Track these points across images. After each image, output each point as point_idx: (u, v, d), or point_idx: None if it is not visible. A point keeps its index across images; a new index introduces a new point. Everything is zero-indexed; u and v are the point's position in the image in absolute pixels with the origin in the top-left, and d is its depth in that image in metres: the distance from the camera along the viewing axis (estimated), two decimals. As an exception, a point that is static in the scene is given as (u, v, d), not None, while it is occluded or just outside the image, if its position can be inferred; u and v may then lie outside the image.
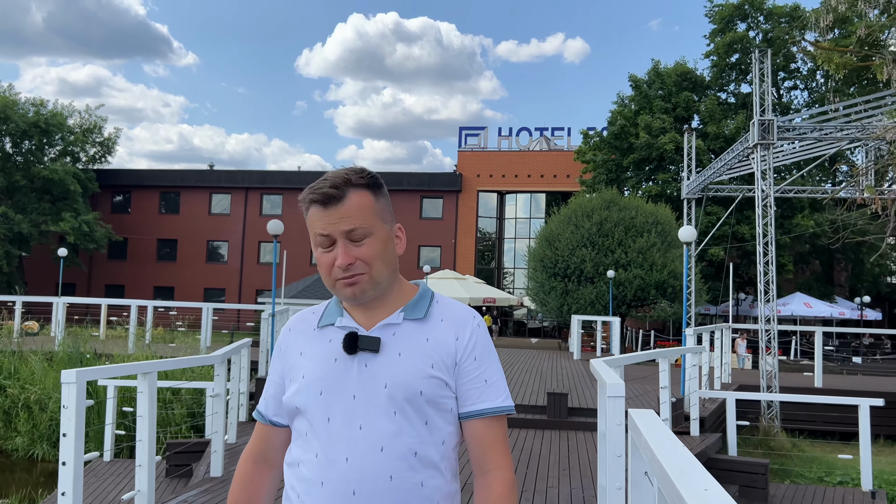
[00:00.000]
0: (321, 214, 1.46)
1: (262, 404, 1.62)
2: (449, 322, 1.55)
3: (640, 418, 2.70)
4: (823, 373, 14.84)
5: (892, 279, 35.44)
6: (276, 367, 1.60)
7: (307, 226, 1.50)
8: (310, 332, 1.56)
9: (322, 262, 1.48)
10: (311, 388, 1.48)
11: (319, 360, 1.50)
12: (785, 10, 32.51)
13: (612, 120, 32.92)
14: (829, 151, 15.87)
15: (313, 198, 1.46)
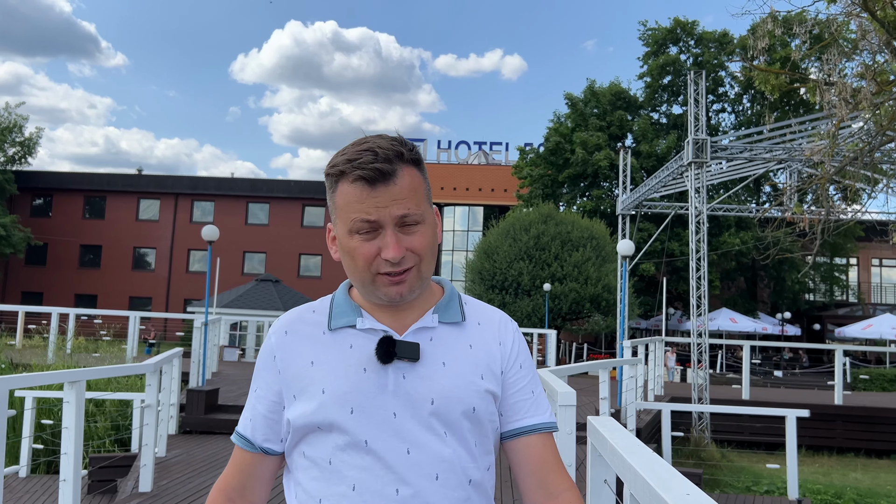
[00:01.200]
0: (366, 194, 1.19)
1: (245, 427, 1.30)
2: (487, 326, 1.34)
3: (603, 426, 2.67)
4: (750, 385, 15.35)
5: (810, 296, 37.17)
6: (269, 379, 1.28)
7: (335, 206, 1.23)
8: (318, 336, 1.28)
9: (360, 253, 1.20)
10: (337, 404, 1.20)
11: (343, 371, 1.23)
12: (714, 36, 33.88)
13: (548, 136, 33.54)
14: (757, 172, 16.54)
15: (361, 174, 1.18)
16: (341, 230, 1.23)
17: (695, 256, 13.42)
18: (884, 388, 22.24)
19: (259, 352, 1.32)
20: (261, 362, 1.30)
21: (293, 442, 1.26)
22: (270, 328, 1.34)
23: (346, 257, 1.24)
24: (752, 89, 34.46)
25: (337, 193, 1.22)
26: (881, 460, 13.85)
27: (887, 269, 39.51)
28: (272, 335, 1.31)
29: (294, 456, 1.27)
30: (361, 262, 1.21)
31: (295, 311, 1.35)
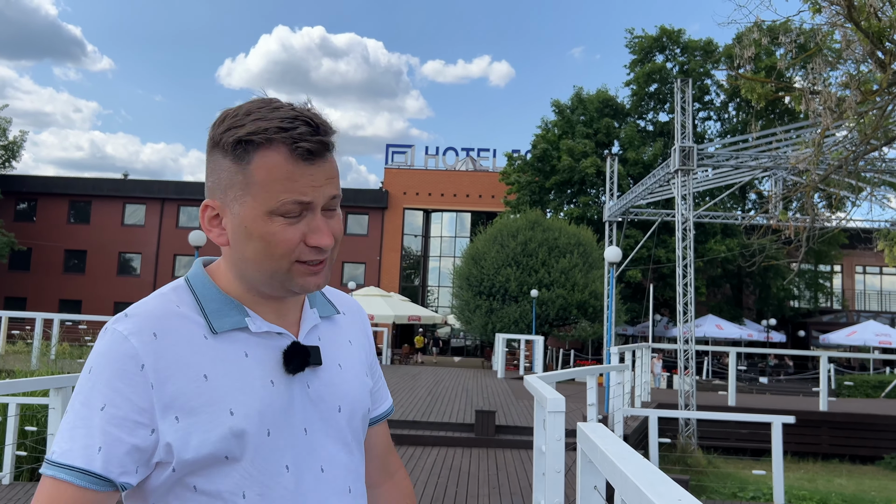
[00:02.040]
0: (301, 171, 0.98)
1: (89, 458, 0.93)
2: (352, 316, 1.24)
3: (594, 433, 2.68)
4: (736, 392, 15.44)
5: (794, 303, 37.46)
6: (130, 394, 0.95)
7: (250, 180, 0.98)
8: (200, 342, 1.01)
9: (281, 239, 0.99)
10: (252, 427, 0.99)
11: (249, 386, 1.01)
12: (699, 45, 34.17)
13: (535, 143, 33.68)
14: (743, 179, 16.67)
15: (304, 146, 0.98)
16: (255, 210, 0.99)
17: (681, 263, 13.50)
18: (867, 394, 22.44)
19: (97, 359, 0.98)
20: (113, 371, 0.96)
21: (177, 475, 0.98)
22: (116, 326, 0.99)
23: (256, 243, 1.00)
24: (738, 98, 34.77)
25: (254, 165, 0.98)
26: (866, 466, 13.97)
27: (871, 276, 39.91)
28: (131, 336, 0.97)
29: (177, 491, 0.99)
30: (282, 248, 1.00)
31: (150, 305, 1.03)
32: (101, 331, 1.01)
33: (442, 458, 8.52)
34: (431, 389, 14.54)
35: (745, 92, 7.42)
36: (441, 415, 10.79)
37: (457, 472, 7.76)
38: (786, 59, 8.28)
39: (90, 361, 0.98)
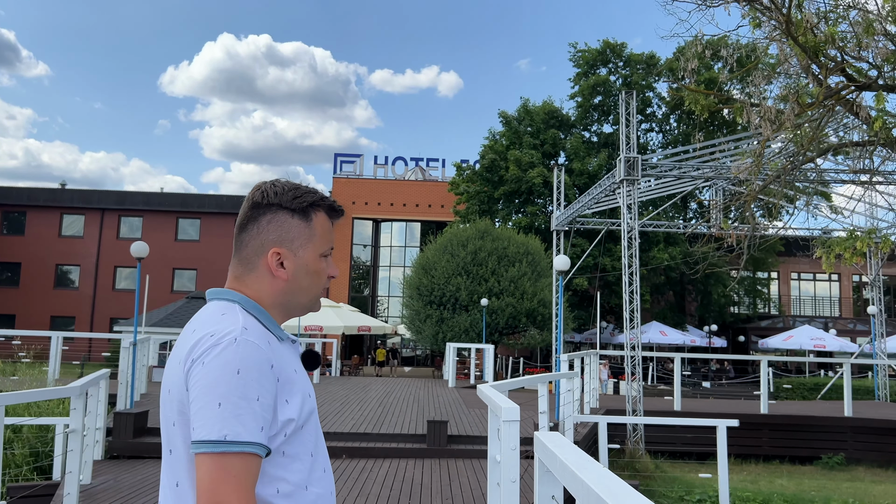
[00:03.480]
0: (331, 226, 1.55)
1: (261, 435, 1.28)
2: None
3: (551, 442, 2.68)
4: (681, 397, 15.77)
5: (734, 309, 38.59)
6: (269, 387, 1.32)
7: (311, 233, 1.50)
8: (280, 347, 1.43)
9: (322, 269, 1.52)
10: (314, 404, 1.46)
11: (305, 376, 1.47)
12: (641, 58, 35.03)
13: (484, 153, 33.96)
14: (685, 189, 17.10)
15: (336, 209, 1.56)
16: (311, 254, 1.50)
17: (627, 271, 13.75)
18: (804, 396, 23.23)
19: (240, 361, 1.30)
20: (257, 371, 1.31)
21: (281, 442, 1.36)
22: (247, 337, 1.34)
23: (310, 277, 1.51)
24: (679, 110, 35.76)
25: (315, 222, 1.50)
26: (804, 466, 14.43)
27: (805, 282, 41.45)
28: (259, 344, 1.35)
29: (273, 456, 1.36)
30: (323, 279, 1.53)
31: (247, 322, 1.40)
32: (219, 340, 1.31)
33: (394, 471, 8.44)
34: (382, 400, 14.42)
35: (688, 103, 7.62)
36: (392, 426, 10.70)
37: (409, 485, 7.69)
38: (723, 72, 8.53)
39: (233, 364, 1.29)
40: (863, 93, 7.58)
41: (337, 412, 12.26)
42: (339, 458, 9.25)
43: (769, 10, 6.20)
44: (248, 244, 1.48)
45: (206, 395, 1.27)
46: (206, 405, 1.26)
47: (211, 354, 1.30)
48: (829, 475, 13.76)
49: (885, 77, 6.99)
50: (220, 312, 1.40)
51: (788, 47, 6.95)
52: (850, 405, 15.38)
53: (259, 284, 1.48)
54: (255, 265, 1.48)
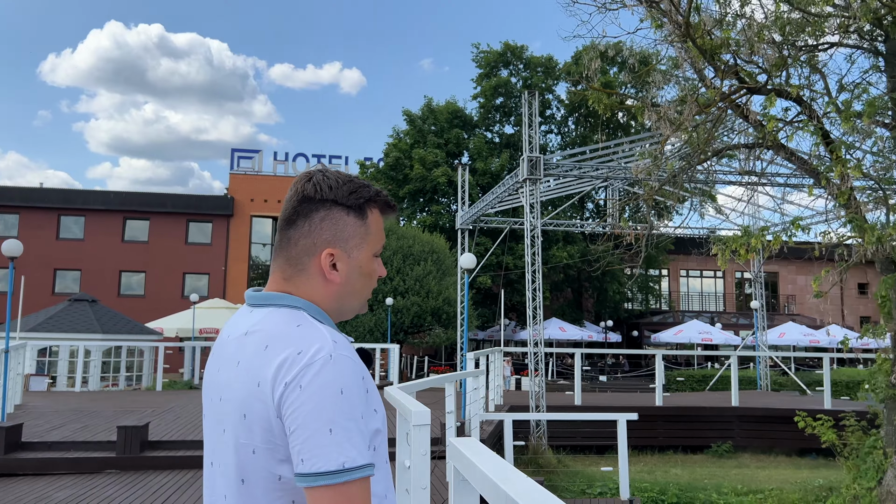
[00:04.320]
0: (383, 224, 1.43)
1: (369, 453, 1.21)
2: None
3: (468, 448, 2.53)
4: (581, 391, 16.14)
5: (628, 305, 40.16)
6: (364, 402, 1.25)
7: (366, 232, 1.38)
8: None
9: (374, 271, 1.41)
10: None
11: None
12: (541, 61, 35.83)
13: (387, 151, 33.72)
14: (584, 189, 17.52)
15: (391, 205, 1.42)
16: (366, 254, 1.38)
17: (530, 269, 13.92)
18: (693, 388, 24.40)
19: (345, 382, 1.22)
20: (357, 387, 1.23)
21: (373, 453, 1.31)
22: (341, 352, 1.25)
23: (363, 279, 1.39)
24: (577, 113, 36.83)
25: (370, 220, 1.38)
26: (696, 455, 15.10)
27: (693, 279, 43.71)
28: (353, 358, 1.26)
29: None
30: (375, 281, 1.42)
31: (328, 335, 1.28)
32: (314, 357, 1.21)
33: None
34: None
35: (592, 102, 7.73)
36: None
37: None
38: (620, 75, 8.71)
39: (336, 384, 1.20)
40: (752, 97, 7.93)
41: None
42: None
43: (668, 13, 6.35)
44: (298, 242, 1.36)
45: (313, 422, 1.17)
46: (315, 433, 1.17)
47: (308, 376, 1.19)
48: (719, 463, 14.46)
49: (773, 83, 7.32)
50: (295, 324, 1.29)
51: (685, 50, 7.14)
52: (736, 395, 16.23)
53: (311, 287, 1.37)
54: (305, 266, 1.37)
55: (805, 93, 7.98)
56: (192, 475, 8.37)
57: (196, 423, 11.13)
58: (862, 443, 10.40)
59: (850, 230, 6.20)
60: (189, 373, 19.95)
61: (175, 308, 30.08)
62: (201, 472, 5.68)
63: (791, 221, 5.66)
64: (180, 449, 9.39)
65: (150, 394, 16.05)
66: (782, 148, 8.47)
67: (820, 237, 6.39)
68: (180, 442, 9.60)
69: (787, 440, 15.26)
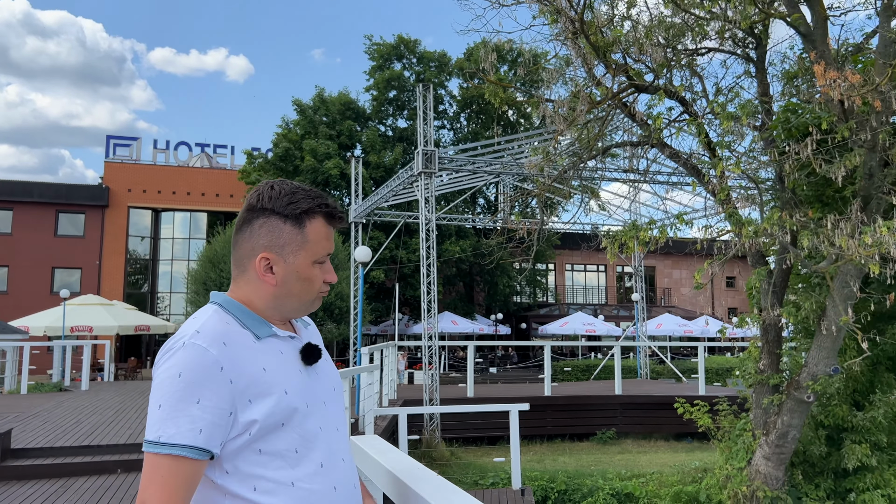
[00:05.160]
0: (329, 232, 1.52)
1: (195, 437, 1.31)
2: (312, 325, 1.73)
3: (371, 447, 2.41)
4: (474, 383, 16.32)
5: (517, 298, 41.15)
6: (217, 390, 1.34)
7: (304, 240, 1.48)
8: (252, 346, 1.44)
9: (314, 276, 1.51)
10: (297, 401, 1.43)
11: (287, 373, 1.45)
12: (434, 56, 35.97)
13: (277, 142, 32.78)
14: (477, 184, 17.70)
15: (334, 213, 1.52)
16: (304, 260, 1.49)
17: (425, 263, 13.90)
18: (578, 378, 25.32)
19: (184, 366, 1.33)
20: (200, 375, 1.34)
21: (247, 442, 1.38)
22: (195, 341, 1.36)
23: (301, 283, 1.50)
24: (469, 109, 37.26)
25: (308, 229, 1.49)
26: (582, 443, 15.64)
27: (577, 273, 45.38)
28: (210, 348, 1.36)
29: (245, 454, 1.39)
30: (317, 286, 1.52)
31: (212, 324, 1.42)
32: (173, 345, 1.37)
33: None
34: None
35: (488, 95, 7.76)
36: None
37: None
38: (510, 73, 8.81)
39: (175, 368, 1.33)
40: (639, 96, 8.22)
41: (110, 422, 10.99)
42: (115, 474, 8.24)
43: (563, 11, 6.45)
44: (241, 246, 1.52)
45: (152, 399, 1.34)
46: (151, 408, 1.34)
47: (161, 360, 1.37)
48: (603, 449, 15.04)
49: (658, 82, 7.62)
50: (194, 316, 1.47)
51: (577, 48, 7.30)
52: (619, 384, 16.93)
53: (249, 287, 1.51)
54: (245, 268, 1.51)
55: (687, 94, 8.37)
56: (62, 484, 7.74)
57: (67, 427, 10.33)
58: (733, 426, 11.09)
59: (730, 225, 6.54)
60: (59, 374, 18.54)
61: (43, 305, 27.97)
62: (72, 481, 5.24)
63: (676, 216, 5.96)
64: (48, 456, 8.66)
65: (13, 397, 14.78)
66: (665, 146, 8.86)
67: (701, 232, 6.71)
68: (48, 449, 8.86)
69: (665, 425, 16.10)
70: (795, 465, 10.26)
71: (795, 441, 9.64)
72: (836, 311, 7.31)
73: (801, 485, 10.22)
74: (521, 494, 9.56)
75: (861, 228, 5.42)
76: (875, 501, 9.64)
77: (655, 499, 11.09)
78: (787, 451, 9.66)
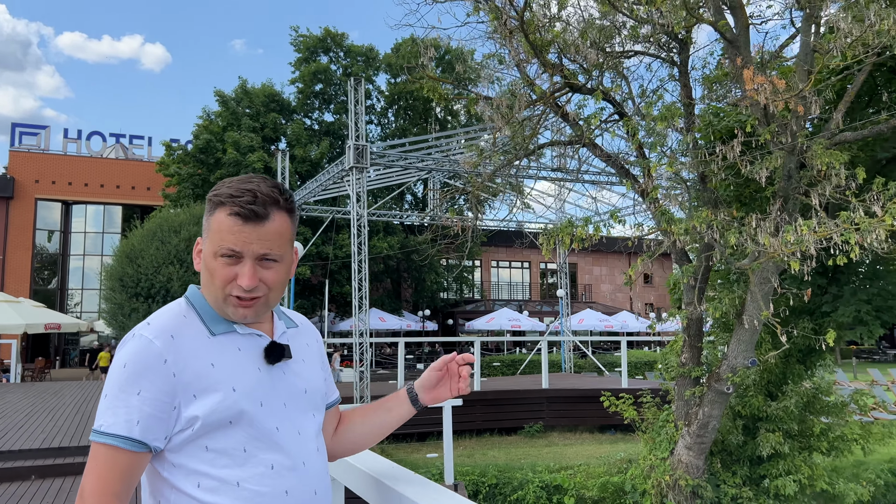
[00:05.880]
0: (237, 228, 1.38)
1: (129, 428, 1.32)
2: (305, 327, 1.65)
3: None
4: (404, 379, 16.30)
5: (444, 295, 41.36)
6: (158, 382, 1.33)
7: (209, 228, 1.41)
8: (205, 340, 1.40)
9: (219, 275, 1.39)
10: (249, 399, 1.39)
11: (240, 371, 1.41)
12: (362, 50, 35.63)
13: (197, 133, 31.74)
14: (408, 181, 17.66)
15: (237, 210, 1.37)
16: (208, 249, 1.41)
17: (356, 259, 13.76)
18: (503, 372, 25.68)
19: (129, 357, 1.34)
20: (142, 366, 1.33)
21: (191, 437, 1.36)
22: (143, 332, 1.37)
23: (206, 272, 1.42)
24: (397, 105, 37.11)
25: (213, 219, 1.40)
26: (511, 437, 15.86)
27: (503, 269, 46.01)
28: (155, 339, 1.35)
29: (190, 450, 1.37)
30: (219, 282, 1.39)
31: (165, 316, 1.41)
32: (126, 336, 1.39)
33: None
34: (81, 408, 12.60)
35: (426, 91, 7.74)
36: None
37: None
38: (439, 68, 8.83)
39: (122, 358, 1.35)
40: (573, 96, 8.38)
41: (20, 426, 10.38)
42: (28, 480, 7.79)
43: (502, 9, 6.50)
44: None
45: (104, 388, 1.35)
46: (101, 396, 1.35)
47: (118, 350, 1.38)
48: (531, 442, 15.30)
49: (592, 83, 7.78)
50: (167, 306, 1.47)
51: (514, 47, 7.37)
52: (546, 378, 17.26)
53: None
54: None
55: (618, 95, 8.59)
56: (-30, 494, 7.25)
57: (-28, 433, 9.68)
58: (657, 418, 11.50)
59: (662, 222, 6.76)
60: (-41, 376, 17.37)
61: (-62, 302, 26.10)
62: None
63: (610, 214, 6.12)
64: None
65: None
66: (596, 147, 9.07)
67: (632, 230, 6.91)
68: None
69: (590, 418, 16.52)
70: (714, 453, 10.73)
71: (715, 431, 10.08)
72: (757, 305, 7.67)
73: (720, 472, 10.69)
74: (454, 489, 9.60)
75: (784, 227, 5.70)
76: (787, 486, 10.18)
77: (583, 490, 11.37)
78: (708, 441, 10.09)
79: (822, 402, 10.97)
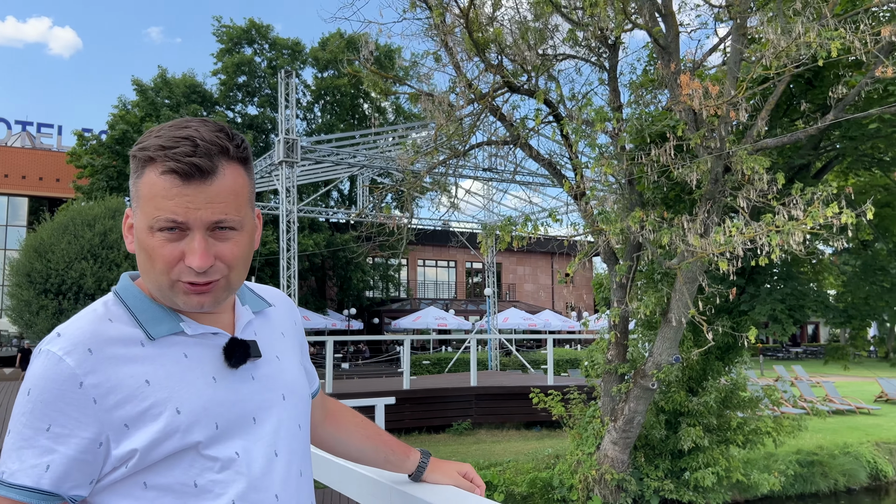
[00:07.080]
0: (177, 191, 1.02)
1: (37, 476, 0.99)
2: (282, 307, 1.32)
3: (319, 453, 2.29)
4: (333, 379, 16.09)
5: (370, 293, 41.11)
6: (75, 414, 1.00)
7: (138, 194, 1.04)
8: (138, 350, 1.05)
9: (160, 255, 1.03)
10: (199, 423, 1.05)
11: (187, 385, 1.06)
12: (287, 43, 34.98)
13: (113, 123, 30.38)
14: (337, 176, 17.45)
15: (173, 166, 1.01)
16: (141, 223, 1.05)
17: (286, 255, 13.49)
18: (429, 371, 25.74)
19: (34, 381, 1.01)
20: (50, 393, 1.00)
21: (124, 475, 1.04)
22: (50, 347, 1.02)
23: (142, 253, 1.06)
24: (323, 100, 36.59)
25: (142, 181, 1.04)
26: (439, 435, 15.90)
27: (429, 268, 46.13)
28: (66, 357, 1.01)
29: (123, 489, 1.05)
30: (160, 264, 1.04)
31: (82, 322, 1.06)
32: (34, 351, 1.05)
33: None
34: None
35: (367, 85, 7.66)
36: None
37: None
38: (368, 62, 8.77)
39: (28, 383, 1.02)
40: (511, 97, 8.47)
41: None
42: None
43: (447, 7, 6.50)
44: None
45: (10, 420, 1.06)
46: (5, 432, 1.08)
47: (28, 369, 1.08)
48: (459, 440, 15.38)
49: (531, 84, 7.89)
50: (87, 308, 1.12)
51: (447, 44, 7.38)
52: (475, 376, 17.40)
53: None
54: None
55: (553, 96, 8.74)
56: None
57: None
58: (583, 414, 11.78)
59: (599, 222, 6.92)
60: None
61: None
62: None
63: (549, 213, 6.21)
64: None
65: None
66: (530, 148, 9.20)
67: (570, 229, 7.03)
68: None
69: (516, 415, 16.75)
70: (638, 448, 11.08)
71: (640, 426, 10.40)
72: (683, 304, 7.96)
73: (643, 466, 11.05)
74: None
75: (714, 229, 5.93)
76: (706, 478, 10.62)
77: (512, 486, 11.52)
78: (633, 436, 10.40)
79: (739, 397, 11.50)
